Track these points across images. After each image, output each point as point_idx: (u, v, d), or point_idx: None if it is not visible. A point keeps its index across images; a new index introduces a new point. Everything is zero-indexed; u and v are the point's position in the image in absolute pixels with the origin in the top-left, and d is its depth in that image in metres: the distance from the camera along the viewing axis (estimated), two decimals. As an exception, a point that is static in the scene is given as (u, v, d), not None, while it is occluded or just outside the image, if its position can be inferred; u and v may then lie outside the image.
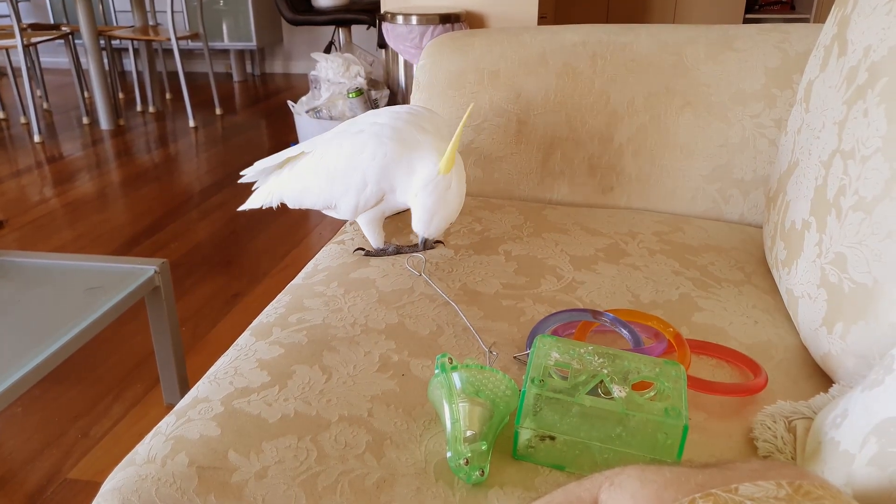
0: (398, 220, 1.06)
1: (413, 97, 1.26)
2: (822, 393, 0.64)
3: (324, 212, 0.97)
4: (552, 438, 0.58)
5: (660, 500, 0.34)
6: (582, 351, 0.61)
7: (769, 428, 0.60)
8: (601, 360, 0.60)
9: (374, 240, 0.96)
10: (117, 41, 4.58)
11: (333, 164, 0.90)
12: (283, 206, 0.99)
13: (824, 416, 0.55)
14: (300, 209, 0.98)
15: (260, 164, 0.98)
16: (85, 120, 3.83)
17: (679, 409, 0.55)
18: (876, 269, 0.63)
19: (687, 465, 0.37)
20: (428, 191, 0.86)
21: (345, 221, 1.07)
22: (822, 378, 0.72)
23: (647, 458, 0.57)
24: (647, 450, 0.56)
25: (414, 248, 0.96)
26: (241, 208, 1.02)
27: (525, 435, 0.59)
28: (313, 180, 0.92)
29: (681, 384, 0.58)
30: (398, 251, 0.95)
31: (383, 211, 0.94)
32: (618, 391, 0.57)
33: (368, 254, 0.95)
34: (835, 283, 0.68)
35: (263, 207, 1.00)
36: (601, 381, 0.58)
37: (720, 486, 0.34)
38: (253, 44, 4.89)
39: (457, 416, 0.58)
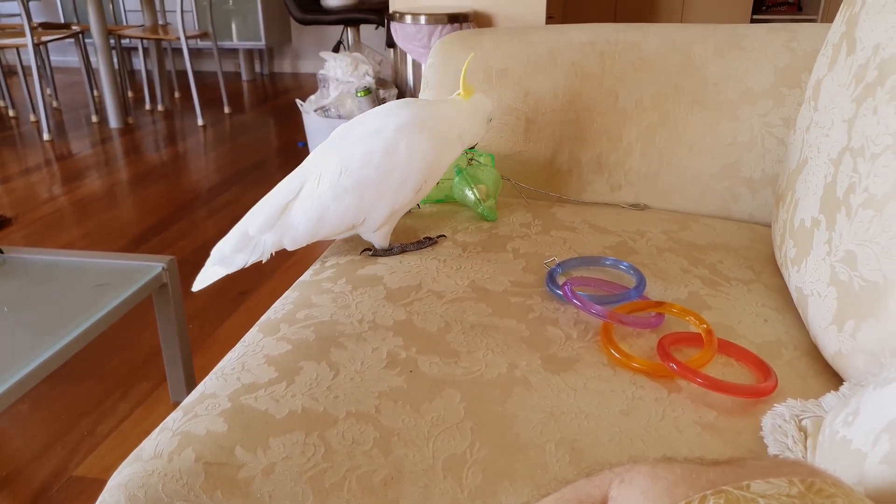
0: (400, 220, 1.06)
1: (422, 95, 1.26)
2: (832, 391, 0.63)
3: (333, 236, 0.93)
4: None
5: (671, 497, 0.34)
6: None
7: (779, 426, 0.59)
8: None
9: (382, 241, 0.94)
10: (127, 40, 4.60)
11: (360, 175, 0.87)
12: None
13: (835, 414, 0.55)
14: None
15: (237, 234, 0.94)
16: (94, 118, 3.85)
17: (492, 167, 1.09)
18: (886, 267, 0.62)
19: (698, 462, 0.37)
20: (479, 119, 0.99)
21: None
22: (832, 376, 0.72)
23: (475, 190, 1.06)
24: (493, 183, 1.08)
25: (418, 244, 0.95)
26: (196, 287, 0.93)
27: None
28: (332, 203, 0.87)
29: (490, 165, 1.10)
30: (403, 250, 0.95)
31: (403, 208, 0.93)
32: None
33: (375, 254, 0.94)
34: (845, 281, 0.68)
35: (248, 264, 0.92)
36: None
37: (732, 483, 0.33)
38: (262, 43, 4.90)
39: (475, 191, 1.05)
